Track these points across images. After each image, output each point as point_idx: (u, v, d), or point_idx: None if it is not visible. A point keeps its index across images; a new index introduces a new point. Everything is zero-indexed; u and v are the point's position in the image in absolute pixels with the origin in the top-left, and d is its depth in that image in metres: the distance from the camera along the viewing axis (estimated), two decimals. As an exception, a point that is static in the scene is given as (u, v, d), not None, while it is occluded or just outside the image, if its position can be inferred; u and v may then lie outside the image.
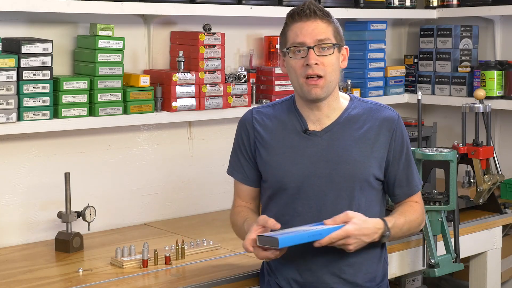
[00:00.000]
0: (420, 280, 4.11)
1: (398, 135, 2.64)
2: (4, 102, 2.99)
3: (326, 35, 2.54)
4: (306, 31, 2.53)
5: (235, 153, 2.74)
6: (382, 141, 2.62)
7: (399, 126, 2.65)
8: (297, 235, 2.43)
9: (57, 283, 2.76)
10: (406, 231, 2.66)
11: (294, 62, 2.55)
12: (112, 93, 3.29)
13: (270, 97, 3.80)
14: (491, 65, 4.17)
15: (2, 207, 3.25)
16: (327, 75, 2.54)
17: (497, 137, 4.46)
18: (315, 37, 2.52)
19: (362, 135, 2.60)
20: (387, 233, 2.54)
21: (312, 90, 2.54)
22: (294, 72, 2.56)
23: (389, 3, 4.39)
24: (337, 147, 2.59)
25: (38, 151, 3.32)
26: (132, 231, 3.48)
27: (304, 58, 2.52)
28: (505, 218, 3.74)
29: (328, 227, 2.45)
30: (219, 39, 3.60)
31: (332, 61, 2.55)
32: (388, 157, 2.63)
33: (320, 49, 2.53)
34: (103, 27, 3.28)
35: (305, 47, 2.52)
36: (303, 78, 2.54)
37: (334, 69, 2.56)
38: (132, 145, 3.61)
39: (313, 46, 2.52)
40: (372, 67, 4.31)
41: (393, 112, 2.67)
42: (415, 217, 2.67)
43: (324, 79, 2.54)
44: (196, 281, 2.78)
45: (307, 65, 2.52)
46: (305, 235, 2.43)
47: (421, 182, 2.74)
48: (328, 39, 2.54)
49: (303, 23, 2.54)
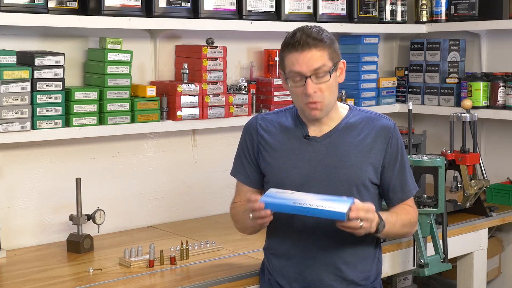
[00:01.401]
0: (411, 279, 4.11)
1: (393, 143, 2.64)
2: (19, 112, 3.00)
3: (321, 62, 2.50)
4: (302, 61, 2.49)
5: (239, 156, 2.74)
6: (378, 148, 2.62)
7: (395, 134, 2.65)
8: (283, 205, 2.41)
9: (69, 282, 2.76)
10: (399, 228, 2.64)
11: (294, 89, 2.54)
12: (120, 103, 3.30)
13: (269, 107, 3.80)
14: (478, 76, 4.17)
15: (17, 211, 3.25)
16: (325, 99, 2.53)
17: (483, 144, 4.47)
18: (311, 67, 2.49)
19: (360, 142, 2.60)
20: (382, 223, 2.51)
21: (312, 112, 2.54)
22: (295, 96, 2.56)
23: (381, 18, 4.41)
24: (336, 152, 2.59)
25: (50, 157, 3.33)
26: (139, 233, 3.48)
27: (303, 87, 2.51)
28: (490, 221, 3.75)
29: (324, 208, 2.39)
30: (221, 52, 3.61)
31: (330, 86, 2.53)
32: (383, 163, 2.63)
33: (317, 78, 2.50)
34: (112, 41, 3.28)
35: (303, 77, 2.50)
36: (303, 103, 2.54)
37: (332, 91, 2.55)
38: (139, 152, 3.62)
39: (310, 76, 2.49)
40: (365, 79, 4.31)
41: (389, 121, 2.67)
42: (407, 218, 2.67)
43: (323, 103, 2.53)
44: (199, 280, 2.78)
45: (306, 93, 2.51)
46: (290, 207, 2.40)
47: (416, 188, 2.73)
48: (324, 65, 2.50)
49: (298, 54, 2.49)
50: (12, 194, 3.23)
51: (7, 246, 3.16)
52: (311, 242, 2.60)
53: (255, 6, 3.72)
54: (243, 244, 3.23)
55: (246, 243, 3.23)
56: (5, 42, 3.17)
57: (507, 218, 3.84)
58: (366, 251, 2.65)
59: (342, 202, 2.41)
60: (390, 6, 4.44)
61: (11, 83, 2.96)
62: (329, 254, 2.59)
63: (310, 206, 2.39)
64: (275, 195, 2.45)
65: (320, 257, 2.59)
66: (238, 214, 2.71)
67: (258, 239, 3.12)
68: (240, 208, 2.71)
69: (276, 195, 2.45)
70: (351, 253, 2.60)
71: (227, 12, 3.62)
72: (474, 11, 4.32)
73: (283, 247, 2.65)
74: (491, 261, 4.08)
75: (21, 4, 3.00)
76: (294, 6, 3.86)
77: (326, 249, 2.59)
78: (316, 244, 2.59)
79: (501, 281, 4.27)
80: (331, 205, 2.39)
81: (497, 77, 4.12)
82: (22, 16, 3.00)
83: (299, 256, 2.62)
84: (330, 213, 2.38)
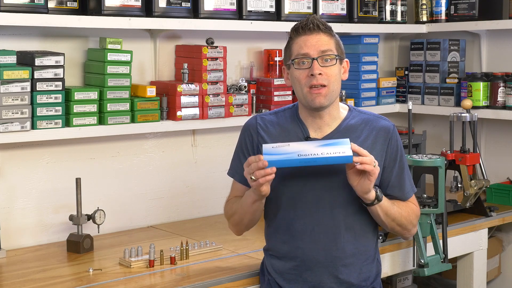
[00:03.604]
0: (411, 279, 4.11)
1: (393, 144, 2.65)
2: (19, 112, 3.00)
3: (328, 46, 2.55)
4: (310, 43, 2.54)
5: (237, 156, 2.73)
6: (378, 150, 2.62)
7: (394, 135, 2.66)
8: (289, 160, 2.41)
9: (69, 282, 2.76)
10: (397, 213, 2.61)
11: (298, 73, 2.55)
12: (120, 103, 3.30)
13: (269, 107, 3.80)
14: (477, 76, 4.17)
15: (17, 211, 3.25)
16: (330, 84, 2.54)
17: (483, 144, 4.47)
18: (319, 49, 2.53)
19: (360, 144, 2.58)
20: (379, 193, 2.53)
21: (316, 99, 2.54)
22: (299, 82, 2.56)
23: (381, 18, 4.41)
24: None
25: (50, 157, 3.33)
26: (139, 233, 3.48)
27: (309, 69, 2.53)
28: (490, 221, 3.74)
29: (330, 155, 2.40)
30: (221, 52, 3.61)
31: (335, 72, 2.56)
32: (383, 164, 2.63)
33: (323, 60, 2.53)
34: (112, 41, 3.28)
35: (309, 58, 2.53)
36: (307, 87, 2.54)
37: (337, 79, 2.57)
38: (139, 152, 3.62)
39: (317, 57, 2.52)
40: (365, 79, 4.31)
41: (389, 123, 2.68)
42: (406, 209, 2.65)
43: (327, 88, 2.54)
44: (199, 280, 2.78)
45: (311, 75, 2.52)
46: (296, 161, 2.41)
47: (414, 189, 2.73)
48: (331, 50, 2.55)
49: (307, 36, 2.55)
50: (12, 194, 3.23)
51: (7, 246, 3.17)
52: (311, 244, 2.59)
53: (255, 6, 3.72)
54: (243, 244, 3.23)
55: (246, 243, 3.23)
56: (5, 42, 3.17)
57: (507, 218, 3.84)
58: (365, 252, 2.65)
59: (342, 145, 2.44)
60: (390, 6, 4.44)
61: (11, 83, 2.96)
62: (329, 256, 2.59)
63: (315, 155, 2.41)
64: (275, 151, 2.44)
65: (320, 259, 2.59)
66: (235, 204, 2.68)
67: (258, 239, 3.12)
68: (235, 201, 2.69)
69: (276, 151, 2.44)
70: (350, 255, 2.60)
71: (227, 12, 3.61)
72: (474, 11, 4.32)
73: (283, 249, 2.65)
74: (491, 261, 4.08)
75: (21, 4, 3.00)
76: (294, 6, 3.86)
77: (326, 251, 2.58)
78: (315, 246, 2.59)
79: (501, 281, 4.27)
80: (335, 150, 2.42)
81: (497, 77, 4.12)
82: (22, 16, 3.00)
83: (299, 258, 2.61)
84: (338, 159, 2.42)
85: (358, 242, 2.62)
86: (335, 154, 2.41)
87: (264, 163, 2.40)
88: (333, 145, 2.44)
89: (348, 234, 2.60)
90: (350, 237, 2.60)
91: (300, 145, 2.46)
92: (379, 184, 2.64)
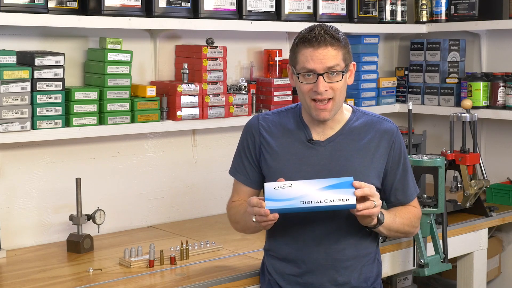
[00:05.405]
0: (411, 279, 4.11)
1: (396, 147, 2.63)
2: (19, 112, 3.00)
3: (336, 61, 2.48)
4: (316, 58, 2.47)
5: (239, 156, 2.72)
6: (381, 152, 2.61)
7: (397, 138, 2.64)
8: (290, 207, 2.38)
9: (69, 282, 2.76)
10: (399, 225, 2.61)
11: (303, 86, 2.51)
12: (120, 103, 3.30)
13: (269, 107, 3.80)
14: (477, 76, 4.17)
15: (17, 211, 3.25)
16: (335, 97, 2.51)
17: (483, 144, 4.47)
18: (325, 65, 2.47)
19: (363, 146, 2.58)
20: (380, 215, 2.50)
21: (320, 114, 2.52)
22: (303, 93, 2.52)
23: (381, 18, 4.41)
24: (339, 157, 2.57)
25: (51, 157, 3.33)
26: (139, 233, 3.48)
27: (314, 84, 2.48)
28: (490, 221, 3.75)
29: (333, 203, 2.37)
30: (221, 52, 3.61)
31: (341, 84, 2.51)
32: (386, 167, 2.62)
33: (329, 75, 2.49)
34: (112, 41, 3.28)
35: (315, 74, 2.48)
36: (312, 100, 2.51)
37: (342, 91, 2.54)
38: (139, 152, 3.62)
39: (322, 74, 2.48)
40: (365, 79, 4.31)
41: (392, 125, 2.66)
42: (407, 216, 2.65)
43: (333, 101, 2.51)
44: (199, 280, 2.78)
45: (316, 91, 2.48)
46: (298, 209, 2.38)
47: (417, 190, 2.72)
48: (338, 65, 2.49)
49: (314, 50, 2.47)
50: (12, 194, 3.23)
51: (7, 246, 3.17)
52: (312, 245, 2.59)
53: (255, 6, 3.72)
54: (243, 244, 3.23)
55: (246, 243, 3.23)
56: (5, 42, 3.17)
57: (507, 218, 3.84)
58: (366, 254, 2.64)
59: (345, 188, 2.39)
60: (390, 6, 4.44)
61: (11, 83, 2.96)
62: (330, 259, 2.59)
63: (318, 203, 2.37)
64: (277, 195, 2.40)
65: (320, 261, 2.59)
66: (238, 214, 2.69)
67: (258, 239, 3.12)
68: (239, 208, 2.68)
69: (278, 194, 2.40)
70: (352, 257, 2.60)
71: (227, 12, 3.61)
72: (474, 11, 4.32)
73: (283, 249, 2.64)
74: (491, 261, 4.08)
75: (21, 4, 3.00)
76: (294, 6, 3.86)
77: (327, 253, 2.58)
78: (316, 247, 2.59)
79: (501, 281, 4.27)
80: (338, 197, 2.37)
81: (497, 77, 4.12)
82: (22, 16, 3.00)
83: (300, 259, 2.61)
84: (341, 206, 2.38)
85: (359, 245, 2.61)
86: (338, 202, 2.37)
87: (266, 212, 2.38)
88: (337, 187, 2.39)
89: (350, 237, 2.59)
90: (352, 240, 2.59)
91: (303, 187, 2.41)
92: (382, 189, 2.64)
